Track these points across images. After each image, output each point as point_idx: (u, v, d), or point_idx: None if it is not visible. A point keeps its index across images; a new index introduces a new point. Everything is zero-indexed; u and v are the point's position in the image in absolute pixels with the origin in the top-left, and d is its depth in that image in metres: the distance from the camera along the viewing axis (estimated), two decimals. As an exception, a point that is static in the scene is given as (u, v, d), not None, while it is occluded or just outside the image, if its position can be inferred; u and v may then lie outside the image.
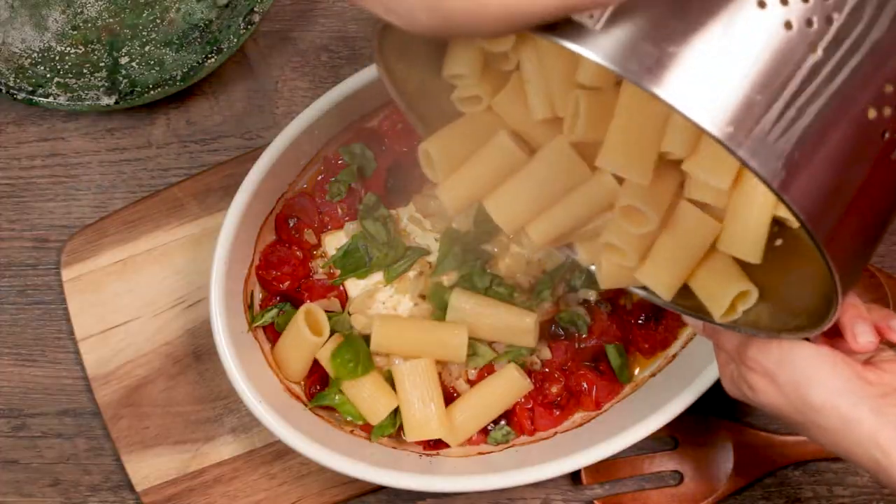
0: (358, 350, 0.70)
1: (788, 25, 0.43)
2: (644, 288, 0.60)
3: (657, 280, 0.57)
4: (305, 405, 0.72)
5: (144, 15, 0.76)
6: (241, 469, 0.74)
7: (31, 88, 0.74)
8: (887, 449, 0.50)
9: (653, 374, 0.72)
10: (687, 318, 0.60)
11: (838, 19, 0.44)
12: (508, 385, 0.71)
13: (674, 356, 0.72)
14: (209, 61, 0.73)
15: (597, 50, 0.41)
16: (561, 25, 0.41)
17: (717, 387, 0.67)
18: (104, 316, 0.75)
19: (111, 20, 0.77)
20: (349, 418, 0.72)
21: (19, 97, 0.74)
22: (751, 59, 0.42)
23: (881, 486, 0.55)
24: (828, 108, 0.43)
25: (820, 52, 0.43)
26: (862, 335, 0.53)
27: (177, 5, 0.76)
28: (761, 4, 0.42)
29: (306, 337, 0.70)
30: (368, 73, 0.69)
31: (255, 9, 0.73)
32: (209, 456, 0.74)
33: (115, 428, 0.75)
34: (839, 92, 0.44)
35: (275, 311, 0.72)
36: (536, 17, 0.40)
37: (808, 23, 0.43)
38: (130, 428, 0.75)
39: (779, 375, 0.53)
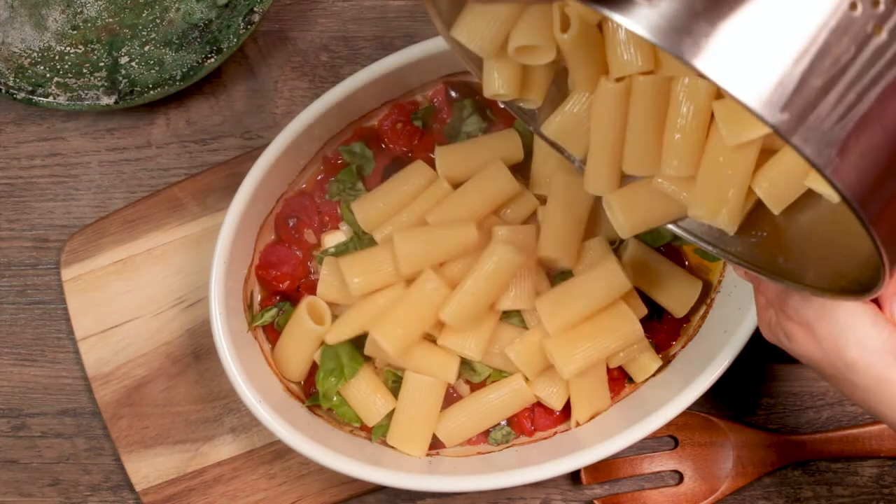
0: (338, 354, 0.70)
1: (853, 6, 0.41)
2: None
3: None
4: (305, 405, 0.72)
5: (144, 15, 0.76)
6: (240, 469, 0.74)
7: (30, 88, 0.74)
8: None
9: (653, 374, 0.72)
10: (729, 261, 0.59)
11: None
12: (511, 396, 0.71)
13: (674, 356, 0.72)
14: (209, 61, 0.73)
15: (645, 24, 0.39)
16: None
17: (717, 387, 0.67)
18: (104, 316, 0.75)
19: (111, 20, 0.77)
20: (347, 420, 0.72)
21: (19, 97, 0.74)
22: (811, 41, 0.40)
23: None
24: (889, 93, 0.42)
25: (885, 34, 0.41)
26: None
27: (176, 5, 0.76)
28: None
29: (309, 327, 0.69)
30: (368, 72, 0.69)
31: (255, 9, 0.73)
32: (209, 456, 0.74)
33: (114, 428, 0.75)
34: None
35: (274, 310, 0.72)
36: None
37: (875, 3, 0.41)
38: (130, 428, 0.75)
39: (818, 328, 0.53)
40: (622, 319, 0.68)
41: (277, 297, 0.73)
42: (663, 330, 0.72)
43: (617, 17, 0.39)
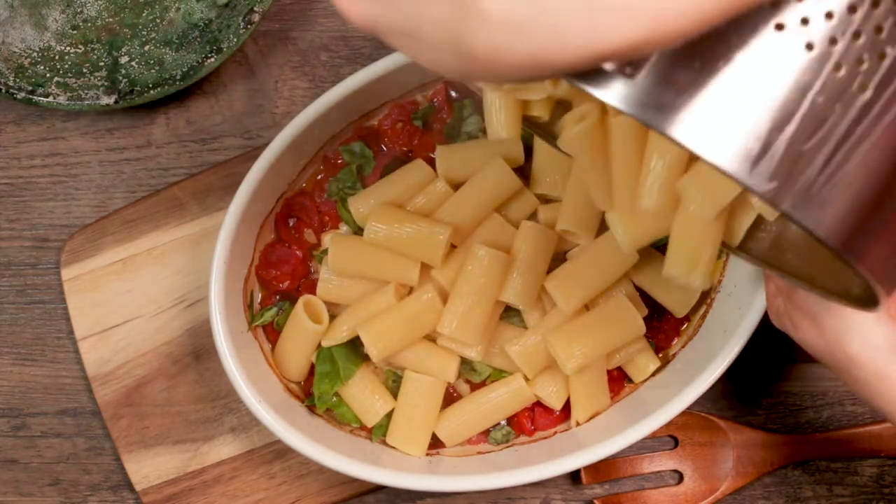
0: (333, 357, 0.70)
1: (838, 67, 0.40)
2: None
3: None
4: (305, 404, 0.72)
5: (144, 14, 0.76)
6: (240, 468, 0.74)
7: (30, 88, 0.74)
8: None
9: (653, 374, 0.72)
10: (740, 258, 0.60)
11: (891, 54, 0.41)
12: (511, 395, 0.71)
13: (674, 356, 0.72)
14: (209, 61, 0.73)
15: (628, 100, 0.38)
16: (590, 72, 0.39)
17: (717, 386, 0.67)
18: (104, 315, 0.75)
19: (111, 20, 0.77)
20: (347, 421, 0.72)
21: (19, 97, 0.74)
22: (796, 107, 0.39)
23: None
24: (878, 147, 0.41)
25: (870, 91, 0.40)
26: None
27: (176, 5, 0.76)
28: (809, 47, 0.39)
29: (306, 326, 0.69)
30: (368, 72, 0.69)
31: (255, 8, 0.73)
32: (209, 455, 0.74)
33: (114, 427, 0.75)
34: (889, 128, 0.41)
35: (274, 310, 0.72)
36: (565, 65, 0.37)
37: (859, 61, 0.40)
38: (130, 427, 0.75)
39: (823, 320, 0.54)
40: (624, 315, 0.68)
41: (277, 297, 0.73)
42: (663, 330, 0.72)
43: (599, 95, 0.38)
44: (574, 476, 0.75)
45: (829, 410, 0.76)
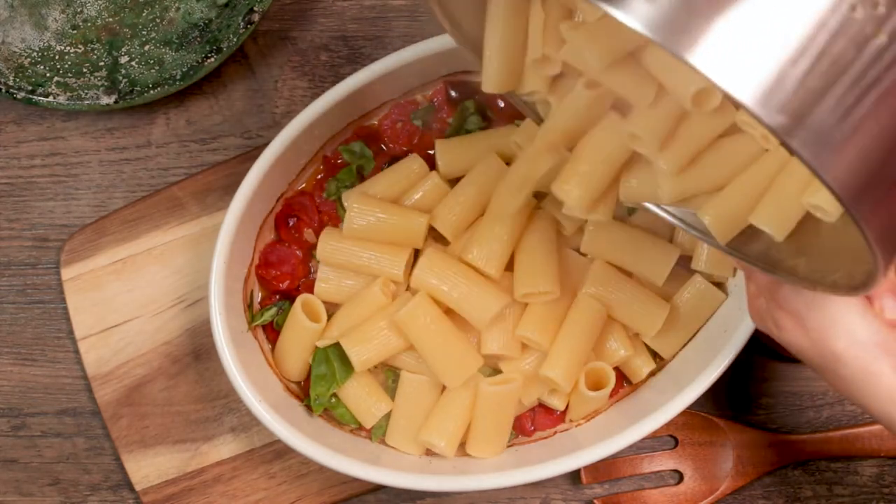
0: (329, 358, 0.70)
1: (853, 7, 0.40)
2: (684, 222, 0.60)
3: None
4: (304, 404, 0.72)
5: (144, 14, 0.76)
6: (240, 468, 0.74)
7: (30, 88, 0.74)
8: None
9: (652, 374, 0.72)
10: (720, 249, 0.59)
11: None
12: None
13: (674, 356, 0.72)
14: (209, 61, 0.73)
15: (642, 20, 0.38)
16: None
17: (717, 386, 0.67)
18: (104, 315, 0.75)
19: (111, 19, 0.77)
20: (345, 422, 0.72)
21: (19, 96, 0.74)
22: (811, 42, 0.40)
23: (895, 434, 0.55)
24: (887, 95, 0.41)
25: (884, 36, 0.40)
26: (889, 310, 0.53)
27: (176, 4, 0.76)
28: None
29: (305, 325, 0.69)
30: (368, 72, 0.69)
31: (255, 8, 0.73)
32: (209, 455, 0.74)
33: (114, 427, 0.75)
34: None
35: (274, 309, 0.72)
36: None
37: (874, 4, 0.40)
38: (130, 427, 0.75)
39: (807, 318, 0.53)
40: (597, 317, 0.69)
41: (277, 297, 0.73)
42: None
43: (613, 12, 0.38)
44: (574, 476, 0.75)
45: (829, 410, 0.76)
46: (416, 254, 0.71)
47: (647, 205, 0.60)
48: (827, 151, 0.40)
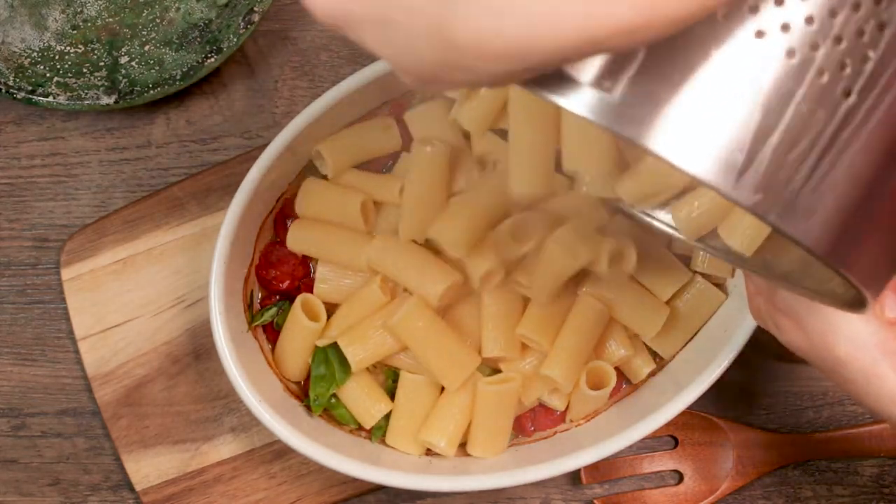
0: (329, 359, 0.70)
1: (821, 73, 0.38)
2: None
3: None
4: (304, 404, 0.72)
5: (144, 14, 0.76)
6: (240, 468, 0.74)
7: (30, 88, 0.74)
8: None
9: (653, 374, 0.72)
10: (716, 257, 0.59)
11: (873, 57, 0.39)
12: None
13: (674, 356, 0.72)
14: (209, 61, 0.73)
15: (604, 114, 0.37)
16: (558, 84, 0.37)
17: (717, 386, 0.67)
18: (104, 315, 0.75)
19: (111, 19, 0.77)
20: (345, 422, 0.72)
21: (19, 97, 0.74)
22: (780, 117, 0.38)
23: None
24: (863, 152, 0.40)
25: (854, 95, 0.39)
26: (890, 309, 0.52)
27: (176, 5, 0.76)
28: (790, 54, 0.38)
29: (305, 324, 0.69)
30: (368, 72, 0.69)
31: (255, 8, 0.73)
32: (209, 455, 0.74)
33: (114, 427, 0.75)
34: (874, 133, 0.40)
35: (274, 309, 0.72)
36: (556, 54, 0.34)
37: (842, 66, 0.39)
38: (130, 427, 0.75)
39: (807, 322, 0.53)
40: (599, 317, 0.69)
41: (277, 297, 0.73)
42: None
43: (572, 108, 0.37)
44: (574, 476, 0.75)
45: (829, 410, 0.76)
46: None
47: (636, 212, 0.61)
48: (804, 219, 0.39)
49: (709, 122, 0.37)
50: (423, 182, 0.69)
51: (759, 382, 0.76)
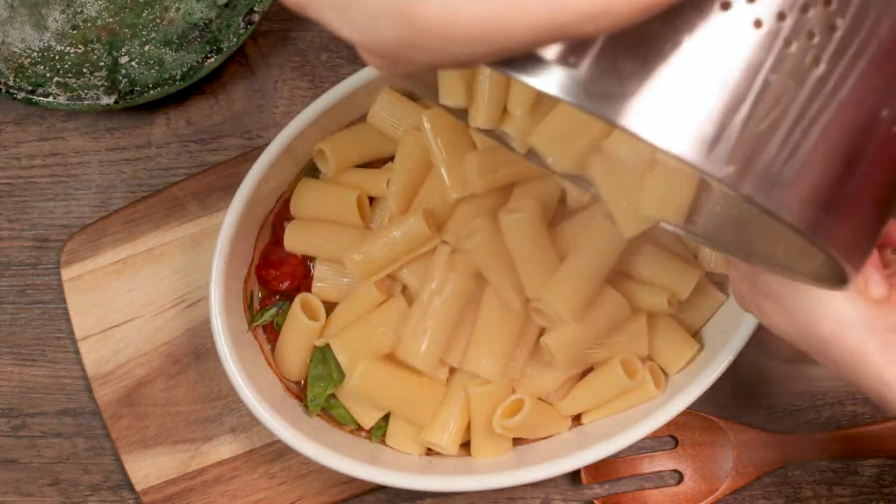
0: (326, 359, 0.70)
1: (788, 43, 0.38)
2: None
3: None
4: (304, 404, 0.72)
5: (144, 14, 0.76)
6: (240, 468, 0.74)
7: (30, 88, 0.74)
8: (892, 385, 0.49)
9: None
10: (698, 241, 0.58)
11: (842, 26, 0.39)
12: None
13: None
14: (209, 61, 0.73)
15: (569, 90, 0.36)
16: (524, 62, 0.36)
17: (717, 386, 0.67)
18: (104, 315, 0.75)
19: (111, 20, 0.77)
20: (345, 422, 0.72)
21: (19, 97, 0.74)
22: (749, 87, 0.38)
23: (885, 412, 0.53)
24: (835, 122, 0.40)
25: (823, 64, 0.39)
26: (874, 286, 0.51)
27: (176, 5, 0.76)
28: (757, 24, 0.38)
29: (304, 323, 0.69)
30: (368, 72, 0.69)
31: (255, 8, 0.73)
32: (209, 455, 0.74)
33: (114, 427, 0.75)
34: (846, 101, 0.40)
35: (274, 309, 0.72)
36: (519, 37, 0.34)
37: (810, 35, 0.39)
38: (130, 427, 0.75)
39: (789, 302, 0.52)
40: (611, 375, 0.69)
41: (277, 297, 0.73)
42: None
43: (542, 87, 0.37)
44: (574, 476, 0.75)
45: (829, 410, 0.76)
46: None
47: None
48: (779, 190, 0.39)
49: (677, 95, 0.37)
50: (415, 162, 0.69)
51: (759, 382, 0.76)
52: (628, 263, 0.69)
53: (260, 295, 0.73)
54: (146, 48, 0.76)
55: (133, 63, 0.75)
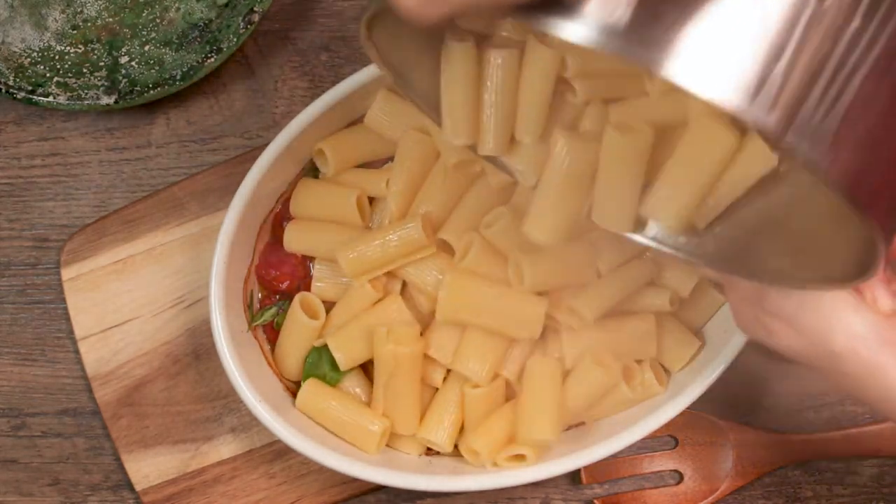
0: (322, 360, 0.70)
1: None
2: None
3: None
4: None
5: (144, 14, 0.76)
6: (240, 468, 0.74)
7: (30, 88, 0.74)
8: None
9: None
10: (698, 265, 0.57)
11: None
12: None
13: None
14: (209, 61, 0.73)
15: (607, 39, 0.36)
16: (558, 12, 0.36)
17: (717, 386, 0.67)
18: (104, 315, 0.75)
19: (111, 19, 0.77)
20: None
21: (19, 96, 0.74)
22: (788, 36, 0.38)
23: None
24: (872, 76, 0.40)
25: (858, 19, 0.39)
26: (882, 299, 0.51)
27: (176, 5, 0.76)
28: None
29: (304, 322, 0.69)
30: (368, 72, 0.69)
31: (255, 8, 0.73)
32: (209, 455, 0.74)
33: (114, 427, 0.75)
34: (882, 57, 0.40)
35: (274, 309, 0.72)
36: None
37: None
38: (130, 427, 0.75)
39: (800, 320, 0.51)
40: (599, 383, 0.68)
41: (277, 297, 0.73)
42: None
43: (575, 38, 0.36)
44: (574, 476, 0.75)
45: (829, 410, 0.76)
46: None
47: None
48: (822, 144, 0.39)
49: (719, 42, 0.37)
50: (415, 162, 0.69)
51: (759, 382, 0.76)
52: None
53: (260, 295, 0.73)
54: (146, 48, 0.76)
55: (133, 63, 0.75)
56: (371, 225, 0.71)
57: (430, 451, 0.71)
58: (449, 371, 0.70)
